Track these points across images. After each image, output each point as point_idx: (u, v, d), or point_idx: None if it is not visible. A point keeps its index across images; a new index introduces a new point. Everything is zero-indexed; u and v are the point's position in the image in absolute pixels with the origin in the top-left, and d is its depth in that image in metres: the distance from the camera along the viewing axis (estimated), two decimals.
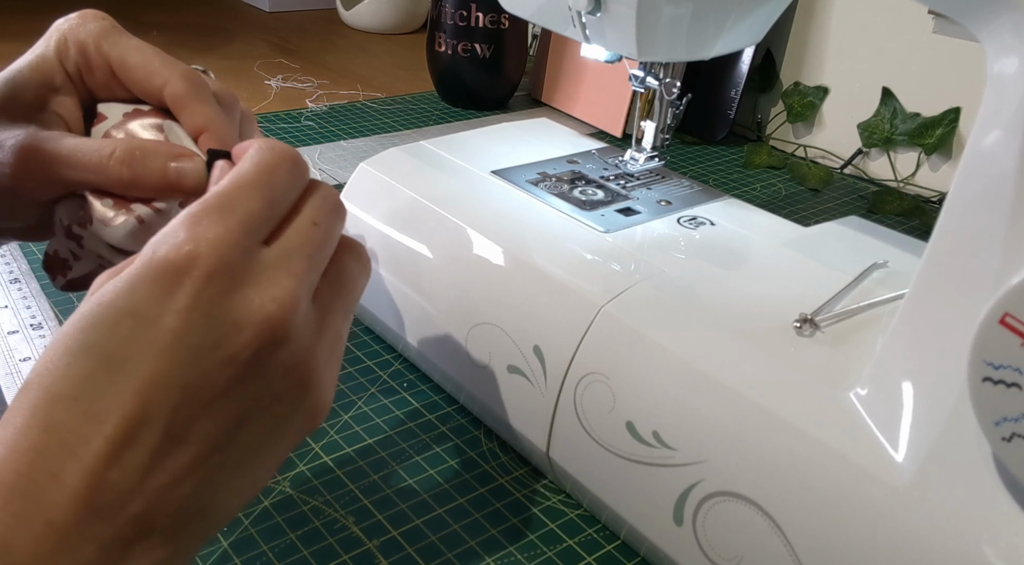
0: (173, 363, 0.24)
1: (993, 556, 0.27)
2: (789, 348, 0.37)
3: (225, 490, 0.26)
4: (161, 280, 0.25)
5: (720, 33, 0.45)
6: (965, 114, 0.82)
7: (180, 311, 0.24)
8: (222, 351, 0.25)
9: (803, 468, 0.32)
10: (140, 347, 0.24)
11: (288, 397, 0.27)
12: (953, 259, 0.29)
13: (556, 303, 0.42)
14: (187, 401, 0.24)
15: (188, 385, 0.24)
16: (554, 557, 0.40)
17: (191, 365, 0.24)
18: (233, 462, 0.26)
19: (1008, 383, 0.25)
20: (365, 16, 1.37)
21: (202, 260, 0.25)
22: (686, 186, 0.54)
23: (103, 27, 0.33)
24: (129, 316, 0.24)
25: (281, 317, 0.26)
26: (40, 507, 0.23)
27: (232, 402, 0.25)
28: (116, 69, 0.33)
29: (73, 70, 0.33)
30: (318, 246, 0.28)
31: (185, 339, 0.24)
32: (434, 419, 0.49)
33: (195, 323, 0.24)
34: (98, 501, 0.23)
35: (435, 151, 0.56)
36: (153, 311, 0.24)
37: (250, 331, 0.25)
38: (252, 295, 0.25)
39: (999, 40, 0.28)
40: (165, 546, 0.25)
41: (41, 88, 0.33)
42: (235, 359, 0.25)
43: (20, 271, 0.59)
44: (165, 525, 0.25)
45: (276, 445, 0.28)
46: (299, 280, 0.27)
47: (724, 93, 0.94)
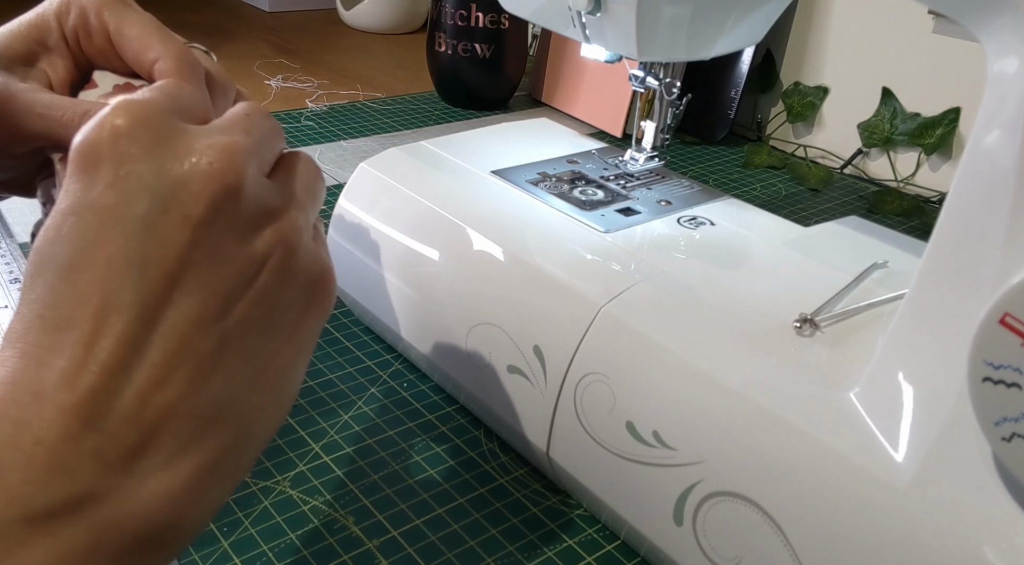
0: (121, 241, 0.22)
1: (993, 556, 0.27)
2: (789, 348, 0.37)
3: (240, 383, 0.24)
4: (85, 163, 0.23)
5: (720, 33, 0.45)
6: (965, 114, 0.82)
7: (109, 184, 0.22)
8: (171, 213, 0.23)
9: (803, 468, 0.32)
10: (84, 238, 0.22)
11: (271, 261, 0.24)
12: (953, 259, 0.29)
13: (556, 303, 0.42)
14: (150, 278, 0.22)
15: (146, 260, 0.22)
16: (554, 557, 0.40)
17: (142, 237, 0.22)
18: (234, 347, 0.24)
19: (1008, 383, 0.25)
20: (365, 16, 1.37)
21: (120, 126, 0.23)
22: (686, 186, 0.54)
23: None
24: (69, 214, 0.23)
25: (226, 160, 0.23)
26: (27, 428, 0.21)
27: (204, 271, 0.23)
28: (113, 37, 0.32)
29: (71, 33, 0.32)
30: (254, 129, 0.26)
31: (125, 211, 0.22)
32: (434, 419, 0.49)
33: (129, 191, 0.22)
34: (86, 411, 0.21)
35: (435, 151, 0.56)
36: (87, 199, 0.23)
37: (196, 182, 0.23)
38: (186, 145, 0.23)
39: (999, 40, 0.28)
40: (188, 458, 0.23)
41: (33, 43, 0.32)
42: (189, 218, 0.23)
43: (20, 271, 0.59)
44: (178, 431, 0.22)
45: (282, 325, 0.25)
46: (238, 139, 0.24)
47: (724, 93, 0.94)
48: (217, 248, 0.23)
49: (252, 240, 0.24)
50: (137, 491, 0.22)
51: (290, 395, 0.26)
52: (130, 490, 0.22)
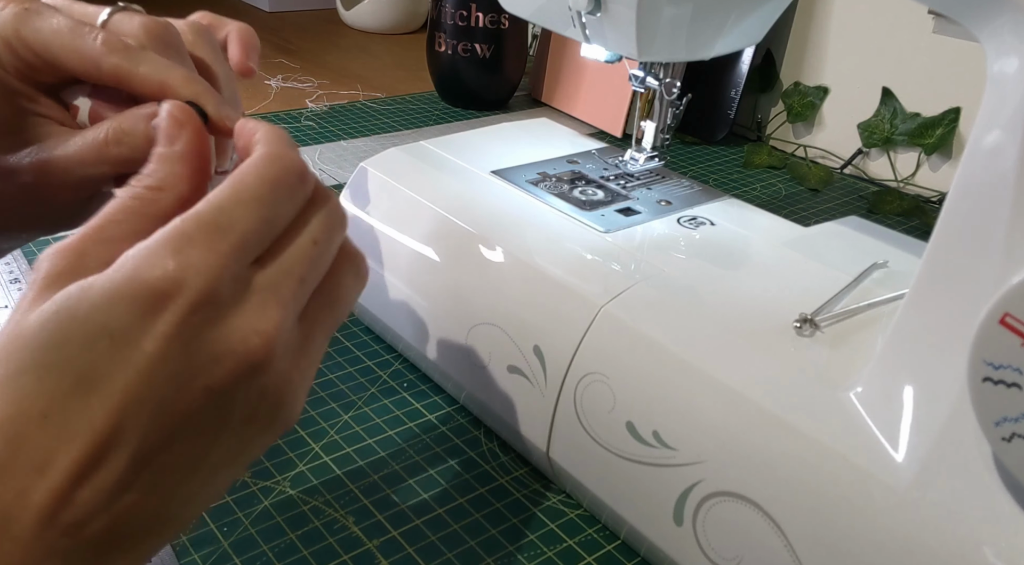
0: (149, 388, 0.23)
1: (993, 556, 0.27)
2: (789, 348, 0.37)
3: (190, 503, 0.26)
4: (143, 302, 0.24)
5: (720, 33, 0.45)
6: (965, 114, 0.82)
7: (161, 337, 0.23)
8: (199, 381, 0.24)
9: (803, 468, 0.32)
10: (116, 368, 0.23)
11: (260, 418, 0.26)
12: (953, 259, 0.29)
13: (556, 303, 0.42)
14: (159, 426, 0.24)
15: (162, 411, 0.24)
16: (554, 557, 0.40)
17: (166, 391, 0.24)
18: (199, 480, 0.26)
19: (1008, 383, 0.25)
20: (365, 16, 1.37)
21: (188, 288, 0.24)
22: (686, 186, 0.54)
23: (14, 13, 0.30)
24: (107, 336, 0.23)
25: (264, 350, 0.25)
26: (7, 525, 0.22)
27: (204, 427, 0.25)
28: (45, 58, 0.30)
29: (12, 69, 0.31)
30: (313, 266, 0.27)
31: (163, 366, 0.24)
32: (434, 419, 0.49)
33: (175, 351, 0.24)
34: (64, 519, 0.23)
35: (435, 151, 0.56)
36: (132, 334, 0.23)
37: (230, 362, 0.24)
38: (236, 326, 0.25)
39: (999, 40, 0.28)
40: (127, 556, 0.25)
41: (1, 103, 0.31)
42: (211, 389, 0.24)
43: (20, 271, 0.59)
44: (128, 537, 0.24)
45: (243, 460, 0.27)
46: (287, 308, 0.26)
47: (724, 93, 0.94)
48: (222, 409, 0.25)
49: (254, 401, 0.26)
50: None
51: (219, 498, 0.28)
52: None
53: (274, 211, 0.26)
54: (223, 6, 1.49)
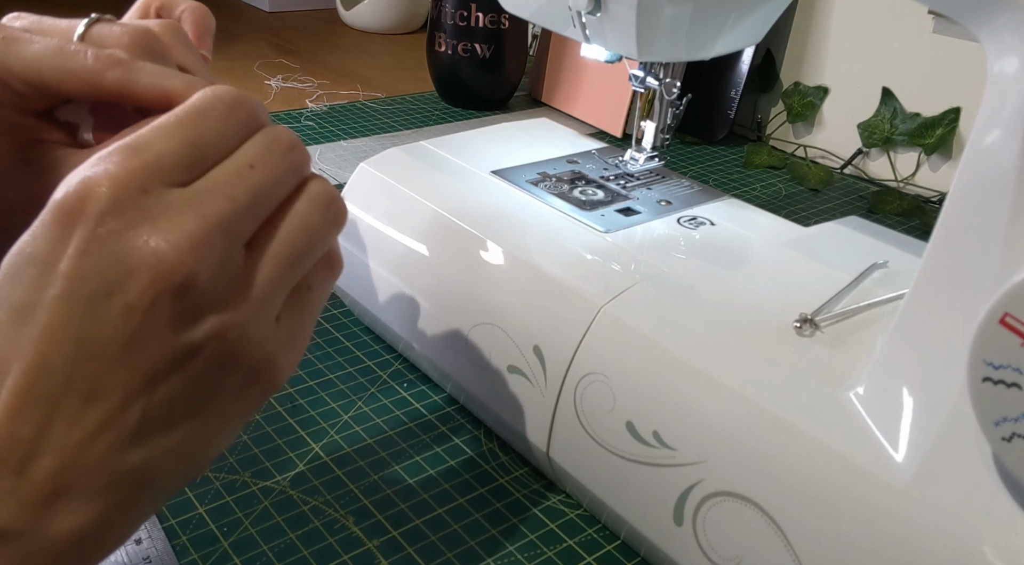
0: (69, 312, 0.23)
1: (993, 556, 0.27)
2: (789, 348, 0.37)
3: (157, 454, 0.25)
4: (59, 222, 0.23)
5: (720, 33, 0.45)
6: (965, 114, 0.82)
7: (73, 256, 0.23)
8: (116, 298, 0.23)
9: (803, 468, 0.32)
10: (40, 294, 0.23)
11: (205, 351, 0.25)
12: (953, 259, 0.29)
13: (556, 303, 0.42)
14: (86, 353, 0.23)
15: (85, 336, 0.23)
16: (554, 557, 0.40)
17: (86, 314, 0.23)
18: (159, 423, 0.25)
19: (1008, 383, 0.25)
20: (365, 16, 1.37)
21: (95, 199, 0.23)
22: (686, 186, 0.54)
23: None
24: (32, 263, 0.23)
25: (176, 260, 0.23)
26: None
27: (135, 354, 0.24)
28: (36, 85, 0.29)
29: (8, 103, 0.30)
30: (250, 189, 0.25)
31: (79, 286, 0.23)
32: (434, 419, 0.49)
33: (87, 268, 0.23)
34: (8, 455, 0.22)
35: (435, 151, 0.56)
36: (51, 256, 0.23)
37: (145, 276, 0.23)
38: (145, 235, 0.23)
39: (999, 40, 0.28)
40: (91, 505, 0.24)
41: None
42: (132, 308, 0.23)
43: None
44: (88, 485, 0.24)
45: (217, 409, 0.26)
46: (208, 222, 0.24)
47: (724, 93, 0.94)
48: (150, 335, 0.24)
49: (189, 331, 0.24)
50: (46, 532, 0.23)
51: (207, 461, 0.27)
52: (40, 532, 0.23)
53: (198, 134, 0.25)
54: (223, 7, 1.49)
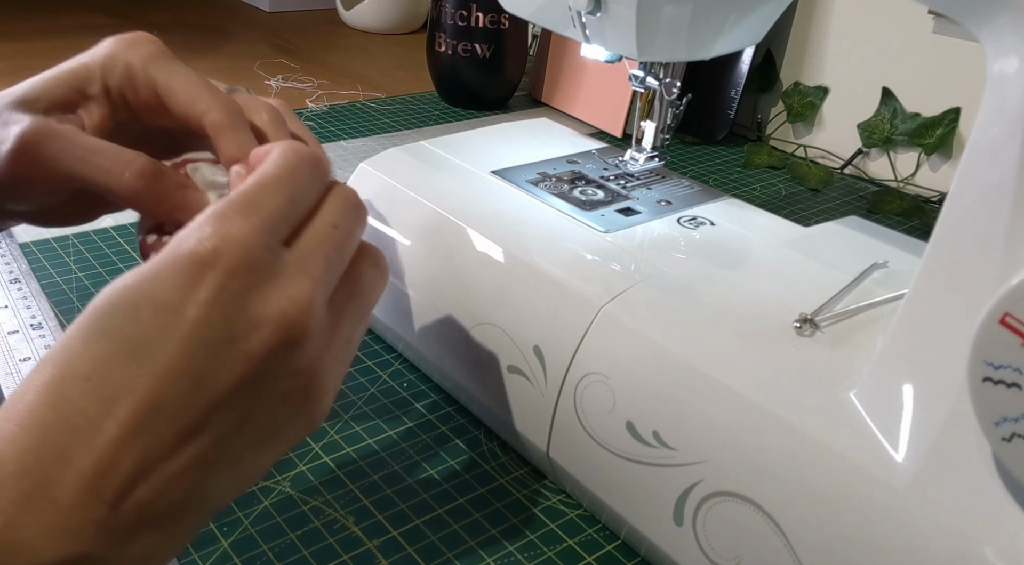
0: (189, 354, 0.24)
1: (993, 556, 0.27)
2: (789, 348, 0.37)
3: (223, 483, 0.26)
4: (186, 271, 0.25)
5: (720, 33, 0.45)
6: (965, 114, 0.82)
7: (201, 303, 0.25)
8: (238, 347, 0.25)
9: (803, 468, 0.32)
10: (159, 334, 0.24)
11: (292, 399, 0.27)
12: (953, 259, 0.29)
13: (556, 303, 0.42)
14: (199, 394, 0.25)
15: (202, 378, 0.25)
16: (554, 557, 0.40)
17: (207, 358, 0.25)
18: (234, 457, 0.26)
19: (1008, 383, 0.25)
20: (365, 16, 1.37)
21: (226, 255, 0.25)
22: (686, 186, 0.54)
23: (152, 51, 0.34)
24: (151, 303, 0.25)
25: (297, 317, 0.26)
26: (47, 487, 0.23)
27: (241, 399, 0.26)
28: (161, 92, 0.33)
29: (116, 87, 0.34)
30: (336, 248, 0.29)
31: (203, 331, 0.25)
32: (434, 419, 0.49)
33: (214, 317, 0.25)
34: (104, 485, 0.23)
35: (435, 151, 0.56)
36: (175, 301, 0.25)
37: (267, 329, 0.25)
38: (271, 294, 0.26)
39: (999, 40, 0.28)
40: (162, 532, 0.25)
41: (72, 91, 0.33)
42: (249, 356, 0.25)
43: (20, 271, 0.59)
44: (165, 513, 0.25)
45: (274, 444, 0.28)
46: (316, 282, 0.27)
47: (724, 93, 0.94)
48: (258, 382, 0.26)
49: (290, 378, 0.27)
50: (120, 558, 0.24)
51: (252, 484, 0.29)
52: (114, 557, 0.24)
53: (295, 192, 0.28)
54: (223, 7, 1.49)
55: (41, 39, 1.19)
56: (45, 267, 0.60)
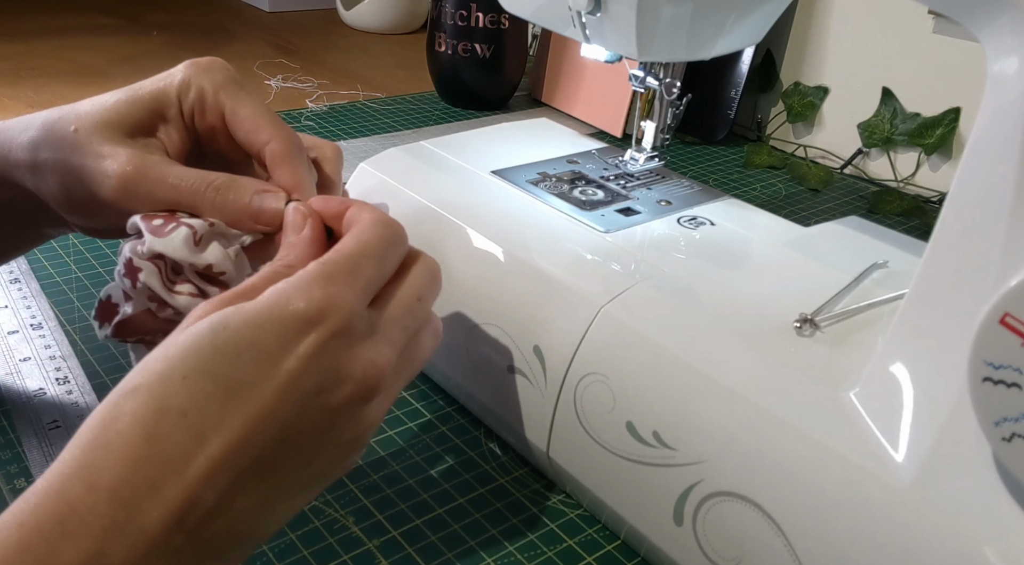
0: (282, 401, 0.26)
1: (993, 556, 0.27)
2: (789, 348, 0.37)
3: (276, 519, 0.28)
4: (291, 327, 0.27)
5: (720, 33, 0.45)
6: (965, 114, 0.82)
7: (301, 357, 0.26)
8: (322, 399, 0.27)
9: (803, 468, 0.32)
10: (257, 380, 0.26)
11: (350, 445, 0.29)
12: (953, 259, 0.29)
13: (556, 303, 0.42)
14: (282, 438, 0.26)
15: (288, 423, 0.26)
16: (554, 557, 0.40)
17: (296, 406, 0.26)
18: (291, 494, 0.28)
19: (1008, 383, 0.25)
20: (365, 16, 1.37)
21: (331, 318, 0.27)
22: (686, 186, 0.54)
23: (225, 77, 0.36)
24: (254, 349, 0.26)
25: (377, 380, 0.28)
26: (137, 516, 0.23)
27: (314, 443, 0.28)
28: (228, 117, 0.35)
29: (187, 109, 0.36)
30: (414, 319, 0.31)
31: (298, 382, 0.26)
32: (434, 419, 0.49)
33: (311, 370, 0.27)
34: (188, 517, 0.24)
35: (435, 151, 0.56)
36: (277, 352, 0.26)
37: (350, 387, 0.28)
38: (361, 356, 0.28)
39: (999, 40, 0.28)
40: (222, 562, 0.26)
41: (154, 115, 0.36)
42: (330, 408, 0.27)
43: (20, 271, 0.59)
44: (229, 544, 0.26)
45: (323, 483, 0.30)
46: (395, 349, 0.30)
47: (724, 93, 0.94)
48: (331, 430, 0.28)
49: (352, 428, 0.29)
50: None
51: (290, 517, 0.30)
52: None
53: (386, 265, 0.31)
54: (223, 7, 1.49)
55: (42, 39, 1.19)
56: (45, 267, 0.60)
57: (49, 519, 0.23)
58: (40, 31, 1.23)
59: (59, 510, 0.23)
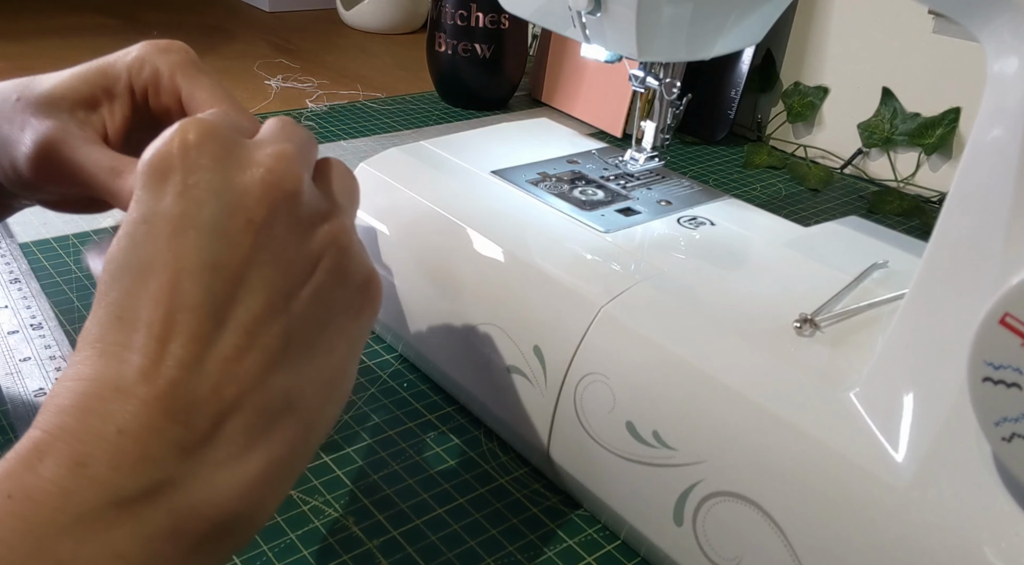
0: (190, 246, 0.24)
1: (993, 556, 0.27)
2: (789, 348, 0.37)
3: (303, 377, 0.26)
4: (156, 174, 0.25)
5: (720, 33, 0.45)
6: (965, 114, 0.82)
7: (179, 193, 0.24)
8: (237, 217, 0.25)
9: (803, 468, 0.32)
10: (157, 245, 0.24)
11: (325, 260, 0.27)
12: (953, 259, 0.29)
13: (556, 303, 0.42)
14: (220, 278, 0.24)
15: (215, 262, 0.24)
16: (554, 557, 0.40)
17: (210, 241, 0.24)
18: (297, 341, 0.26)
19: (1008, 383, 0.25)
20: (365, 16, 1.37)
21: (189, 141, 0.25)
22: (686, 186, 0.54)
23: (183, 59, 0.34)
24: (140, 223, 0.24)
25: (285, 166, 0.25)
26: (110, 419, 0.22)
27: (267, 270, 0.25)
28: (184, 101, 0.34)
29: (140, 88, 0.34)
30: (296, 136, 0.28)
31: (194, 218, 0.24)
32: (434, 419, 0.49)
33: (198, 198, 0.24)
34: (165, 402, 0.23)
35: (435, 151, 0.56)
36: (156, 208, 0.24)
37: (257, 188, 0.25)
38: (247, 156, 0.26)
39: (999, 40, 0.28)
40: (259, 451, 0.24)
41: (98, 89, 0.34)
42: (252, 221, 0.25)
43: (20, 271, 0.59)
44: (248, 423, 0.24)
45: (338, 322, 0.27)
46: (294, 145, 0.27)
47: (724, 93, 0.94)
48: (278, 249, 0.25)
49: (308, 241, 0.26)
50: (213, 480, 0.23)
51: (345, 391, 0.28)
52: (206, 479, 0.23)
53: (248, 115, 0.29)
54: (223, 7, 1.49)
55: (41, 39, 1.19)
56: (45, 267, 0.60)
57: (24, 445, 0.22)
58: (40, 31, 1.23)
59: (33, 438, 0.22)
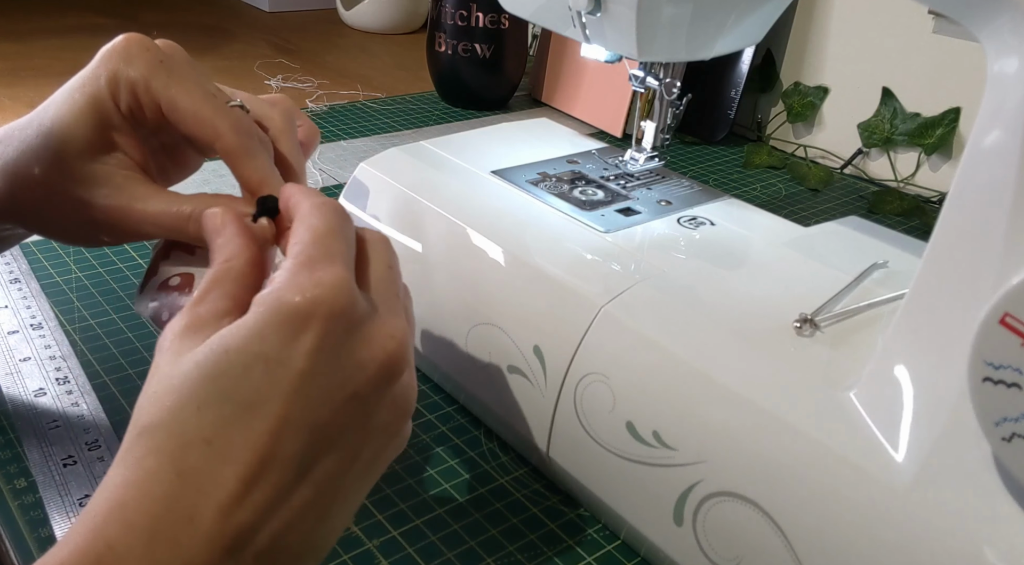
0: (303, 404, 0.25)
1: (993, 556, 0.27)
2: (789, 348, 0.37)
3: (332, 525, 0.27)
4: (289, 324, 0.26)
5: (720, 33, 0.45)
6: (965, 114, 0.82)
7: (309, 353, 0.25)
8: (347, 389, 0.26)
9: (803, 468, 0.32)
10: (272, 390, 0.25)
11: (391, 427, 0.28)
12: (953, 259, 0.29)
13: (556, 303, 0.42)
14: (315, 440, 0.25)
15: (317, 424, 0.25)
16: (554, 557, 0.40)
17: (320, 405, 0.26)
18: (343, 495, 0.27)
19: (1008, 383, 0.25)
20: (365, 16, 1.37)
21: (326, 304, 0.26)
22: (686, 186, 0.54)
23: (148, 64, 0.33)
24: (260, 361, 0.25)
25: (398, 352, 0.28)
26: (179, 551, 0.23)
27: (352, 436, 0.27)
28: (166, 113, 0.33)
29: (126, 110, 0.33)
30: (399, 286, 0.31)
31: (314, 380, 0.25)
32: (434, 419, 0.49)
33: (322, 364, 0.26)
34: (231, 542, 0.24)
35: (435, 151, 0.56)
36: (283, 355, 0.25)
37: (372, 368, 0.27)
38: (373, 333, 0.27)
39: (999, 40, 0.28)
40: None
41: (101, 129, 0.33)
42: (358, 396, 0.26)
43: (20, 271, 0.59)
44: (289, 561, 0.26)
45: (375, 473, 0.29)
46: (402, 318, 0.29)
47: (724, 93, 0.94)
48: (365, 418, 0.27)
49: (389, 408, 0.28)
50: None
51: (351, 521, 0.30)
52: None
53: (350, 240, 0.30)
54: (223, 7, 1.49)
55: (41, 39, 1.19)
56: (45, 267, 0.60)
57: (88, 559, 0.22)
58: (39, 31, 1.23)
59: (97, 550, 0.23)
